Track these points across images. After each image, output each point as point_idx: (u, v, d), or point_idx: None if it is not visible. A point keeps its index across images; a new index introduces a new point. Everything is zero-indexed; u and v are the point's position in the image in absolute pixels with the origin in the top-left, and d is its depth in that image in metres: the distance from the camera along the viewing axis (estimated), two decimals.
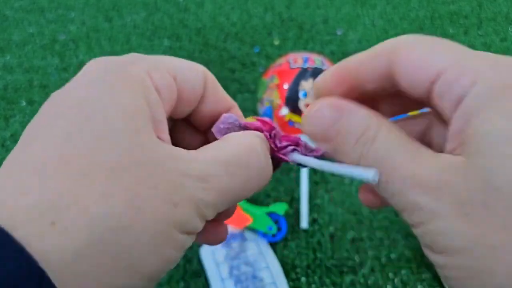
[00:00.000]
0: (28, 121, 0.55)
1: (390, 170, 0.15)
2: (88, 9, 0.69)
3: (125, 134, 0.14)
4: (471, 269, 0.14)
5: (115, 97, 0.15)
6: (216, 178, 0.16)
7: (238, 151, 0.17)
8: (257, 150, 0.17)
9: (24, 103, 0.58)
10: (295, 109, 0.46)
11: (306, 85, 0.46)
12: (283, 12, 0.68)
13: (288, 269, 0.43)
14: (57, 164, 0.14)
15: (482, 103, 0.14)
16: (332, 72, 0.18)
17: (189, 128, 0.21)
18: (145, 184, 0.14)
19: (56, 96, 0.16)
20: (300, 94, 0.46)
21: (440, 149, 0.16)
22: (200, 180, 0.15)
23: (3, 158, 0.54)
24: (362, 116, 0.16)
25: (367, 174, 0.15)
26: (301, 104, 0.45)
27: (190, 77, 0.18)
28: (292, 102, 0.46)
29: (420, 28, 0.65)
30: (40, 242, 0.12)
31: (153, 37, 0.65)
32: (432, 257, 0.15)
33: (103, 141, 0.14)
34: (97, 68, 0.16)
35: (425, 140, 0.19)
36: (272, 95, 0.47)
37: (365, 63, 0.17)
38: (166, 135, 0.16)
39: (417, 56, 0.16)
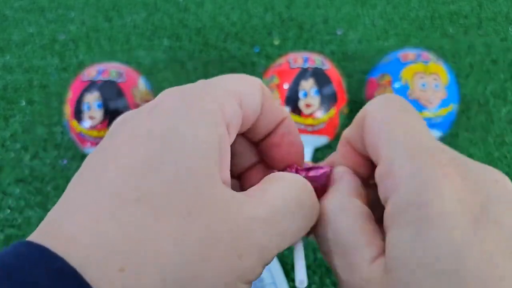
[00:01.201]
0: (28, 121, 0.55)
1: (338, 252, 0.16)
2: (88, 9, 0.69)
3: (199, 174, 0.13)
4: None
5: (193, 131, 0.14)
6: (281, 219, 0.15)
7: (296, 190, 0.16)
8: (308, 188, 0.16)
9: (24, 103, 0.58)
10: (295, 109, 0.46)
11: (306, 85, 0.46)
12: (283, 12, 0.68)
13: (288, 269, 0.43)
14: (133, 200, 0.13)
15: (391, 220, 0.14)
16: (340, 144, 0.18)
17: (241, 139, 0.20)
18: (214, 232, 0.13)
19: (130, 121, 0.15)
20: (300, 94, 0.45)
21: None
22: (265, 224, 0.14)
23: (3, 158, 0.53)
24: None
25: (298, 281, 0.16)
26: (301, 104, 0.45)
27: (253, 99, 0.17)
28: (292, 102, 0.46)
29: (420, 28, 0.65)
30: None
31: (153, 37, 0.65)
32: None
33: (178, 179, 0.13)
34: (173, 99, 0.15)
35: None
36: (272, 95, 0.47)
37: (352, 132, 0.17)
38: (227, 172, 0.15)
39: (373, 130, 0.15)
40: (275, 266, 0.42)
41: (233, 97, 0.16)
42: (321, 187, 0.18)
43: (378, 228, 0.16)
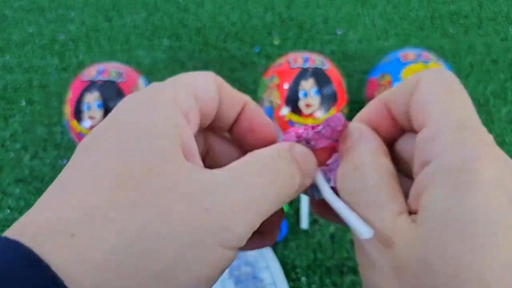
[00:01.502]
0: (28, 121, 0.55)
1: (359, 201, 0.16)
2: (88, 9, 0.69)
3: (153, 152, 0.15)
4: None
5: (147, 122, 0.15)
6: (248, 177, 0.16)
7: (263, 158, 0.17)
8: (283, 157, 0.17)
9: (23, 103, 0.58)
10: (295, 109, 0.46)
11: (306, 85, 0.46)
12: (283, 12, 0.68)
13: (288, 269, 0.43)
14: (90, 178, 0.14)
15: (432, 180, 0.15)
16: (373, 104, 0.19)
17: (225, 143, 0.21)
18: (173, 193, 0.14)
19: (99, 126, 0.16)
20: (300, 94, 0.45)
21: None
22: (234, 179, 0.15)
23: (3, 158, 0.53)
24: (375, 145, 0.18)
25: (366, 231, 0.16)
26: (301, 104, 0.45)
27: (207, 90, 0.18)
28: (292, 102, 0.46)
29: (421, 28, 0.65)
30: (59, 255, 0.12)
31: (153, 37, 0.65)
32: None
33: (133, 157, 0.14)
34: (128, 101, 0.16)
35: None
36: (272, 95, 0.47)
37: (399, 95, 0.18)
38: (197, 159, 0.16)
39: (427, 97, 0.16)
40: (275, 267, 0.42)
41: (187, 91, 0.17)
42: (331, 144, 0.19)
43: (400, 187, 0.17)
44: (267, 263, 0.42)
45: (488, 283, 0.13)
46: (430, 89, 0.16)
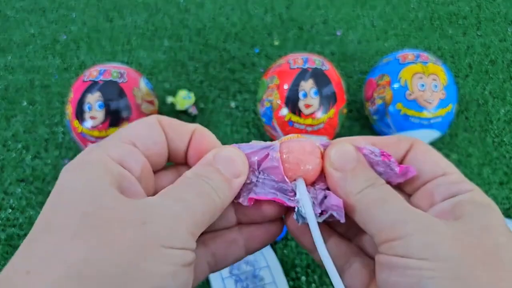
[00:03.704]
0: (30, 121, 0.55)
1: (390, 199, 0.19)
2: (89, 9, 0.69)
3: (85, 200, 0.17)
4: (450, 272, 0.18)
5: (74, 180, 0.18)
6: (175, 195, 0.19)
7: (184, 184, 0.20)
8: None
9: (25, 103, 0.58)
10: (295, 109, 0.46)
11: (306, 85, 0.46)
12: (283, 13, 0.68)
13: (288, 268, 0.44)
14: (43, 231, 0.17)
15: (473, 203, 0.19)
16: (358, 139, 0.22)
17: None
18: (111, 220, 0.17)
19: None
20: (300, 95, 0.46)
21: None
22: (164, 198, 0.18)
23: (4, 158, 0.53)
24: (373, 171, 0.21)
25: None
26: (301, 104, 0.46)
27: (149, 135, 0.21)
28: (292, 102, 0.46)
29: (420, 29, 0.66)
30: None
31: (154, 38, 0.65)
32: (402, 260, 0.19)
33: (72, 209, 0.17)
34: (65, 169, 0.19)
35: None
36: (272, 95, 0.47)
37: (392, 145, 0.21)
38: (141, 193, 0.19)
39: (432, 156, 0.21)
40: (275, 265, 0.42)
41: (121, 143, 0.20)
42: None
43: None
44: (267, 262, 0.42)
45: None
46: (429, 151, 0.21)
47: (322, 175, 0.21)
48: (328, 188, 0.21)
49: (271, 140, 0.25)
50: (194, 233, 0.18)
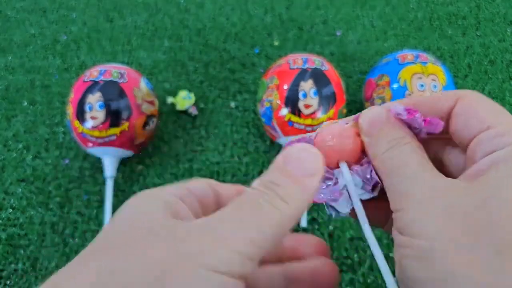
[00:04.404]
0: (30, 121, 0.55)
1: (405, 165, 0.19)
2: (89, 9, 0.69)
3: (134, 215, 0.18)
4: (425, 251, 0.16)
5: (131, 202, 0.19)
6: (224, 215, 0.17)
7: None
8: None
9: (25, 103, 0.58)
10: (295, 110, 0.46)
11: (306, 85, 0.46)
12: (283, 13, 0.68)
13: None
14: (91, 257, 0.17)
15: (504, 159, 0.17)
16: (400, 102, 0.21)
17: None
18: (149, 235, 0.16)
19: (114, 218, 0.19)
20: (300, 95, 0.46)
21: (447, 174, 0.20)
22: (210, 218, 0.17)
23: (5, 158, 0.54)
24: (403, 129, 0.20)
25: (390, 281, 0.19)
26: (301, 104, 0.46)
27: (200, 187, 0.21)
28: (292, 102, 0.46)
29: (419, 29, 0.66)
30: None
31: (154, 38, 0.65)
32: (398, 237, 0.18)
33: (118, 222, 0.18)
34: (132, 199, 0.20)
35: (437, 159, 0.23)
36: (272, 95, 0.47)
37: (433, 103, 0.20)
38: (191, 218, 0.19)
39: (478, 108, 0.19)
40: None
41: (177, 186, 0.21)
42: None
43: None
44: None
45: None
46: (476, 102, 0.19)
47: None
48: None
49: (271, 140, 0.25)
50: (249, 253, 0.16)
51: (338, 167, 0.21)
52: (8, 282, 0.45)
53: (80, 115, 0.46)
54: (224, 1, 0.70)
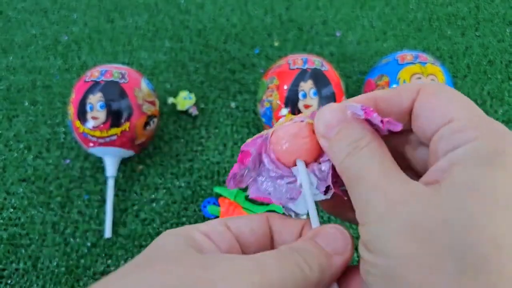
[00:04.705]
0: (31, 121, 0.55)
1: (364, 175, 0.17)
2: (90, 10, 0.70)
3: (160, 249, 0.18)
4: (387, 270, 0.16)
5: (161, 238, 0.19)
6: (258, 259, 0.18)
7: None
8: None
9: (27, 103, 0.58)
10: (295, 110, 0.46)
11: (305, 86, 0.47)
12: (283, 14, 0.69)
13: None
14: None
15: (463, 159, 0.16)
16: (360, 99, 0.20)
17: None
18: (166, 263, 0.17)
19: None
20: (300, 95, 0.46)
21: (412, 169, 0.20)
22: (247, 258, 0.17)
23: (6, 158, 0.54)
24: (361, 128, 0.19)
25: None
26: (301, 104, 0.46)
27: (244, 223, 0.21)
28: (292, 102, 0.46)
29: (419, 30, 0.66)
30: None
31: (155, 38, 0.66)
32: (363, 252, 0.17)
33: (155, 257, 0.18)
34: (161, 236, 0.20)
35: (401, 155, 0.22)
36: (272, 96, 0.48)
37: (393, 97, 0.19)
38: (213, 250, 0.19)
39: (439, 100, 0.18)
40: None
41: (216, 222, 0.20)
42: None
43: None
44: None
45: (500, 247, 0.14)
46: (443, 91, 0.18)
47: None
48: None
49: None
50: None
51: (296, 165, 0.21)
52: (9, 281, 0.45)
53: (81, 115, 0.47)
54: (224, 2, 0.70)
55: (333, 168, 0.20)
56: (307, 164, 0.20)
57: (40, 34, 0.67)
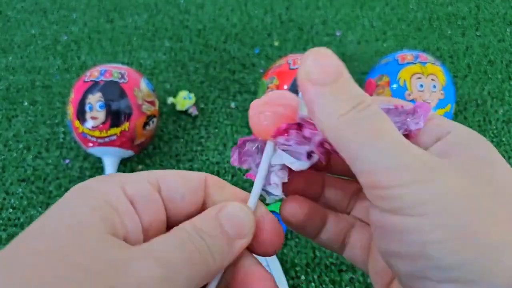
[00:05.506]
0: (31, 121, 0.55)
1: (388, 128, 0.15)
2: (90, 10, 0.70)
3: (70, 248, 0.15)
4: (449, 227, 0.14)
5: (66, 214, 0.16)
6: (161, 253, 0.16)
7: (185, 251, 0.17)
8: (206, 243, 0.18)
9: (26, 103, 0.58)
10: None
11: None
12: (283, 14, 0.69)
13: (287, 267, 0.44)
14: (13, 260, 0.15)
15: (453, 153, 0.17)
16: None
17: None
18: (82, 270, 0.14)
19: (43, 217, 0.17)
20: (300, 95, 0.46)
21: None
22: (146, 254, 0.15)
23: (6, 158, 0.54)
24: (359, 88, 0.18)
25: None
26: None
27: (177, 186, 0.19)
28: None
29: (419, 29, 0.66)
30: None
31: (154, 38, 0.65)
32: (398, 220, 0.15)
33: (49, 256, 0.15)
34: (69, 192, 0.18)
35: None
36: None
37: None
38: (137, 238, 0.17)
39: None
40: (275, 265, 0.42)
41: (143, 181, 0.18)
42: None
43: None
44: (266, 261, 0.43)
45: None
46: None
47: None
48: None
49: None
50: (165, 277, 0.15)
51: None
52: None
53: (81, 115, 0.47)
54: (224, 2, 0.70)
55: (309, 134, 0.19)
56: (277, 143, 0.20)
57: (39, 34, 0.67)
